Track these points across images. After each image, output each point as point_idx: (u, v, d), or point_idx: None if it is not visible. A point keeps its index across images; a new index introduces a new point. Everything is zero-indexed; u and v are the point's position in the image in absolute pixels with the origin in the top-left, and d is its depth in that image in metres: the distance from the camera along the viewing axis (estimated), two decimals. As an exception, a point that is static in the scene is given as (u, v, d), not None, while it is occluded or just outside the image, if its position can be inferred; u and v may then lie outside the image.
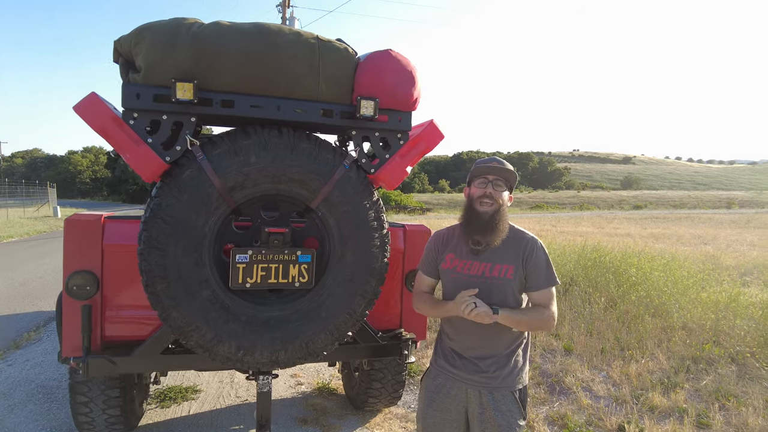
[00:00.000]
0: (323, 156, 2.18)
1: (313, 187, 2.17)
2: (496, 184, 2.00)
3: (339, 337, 2.32)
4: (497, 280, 1.99)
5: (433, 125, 2.34)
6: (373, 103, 2.15)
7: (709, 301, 5.76)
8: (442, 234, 2.23)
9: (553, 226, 21.40)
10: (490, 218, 1.95)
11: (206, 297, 2.12)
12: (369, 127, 2.27)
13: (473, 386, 2.03)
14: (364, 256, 2.26)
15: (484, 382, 2.01)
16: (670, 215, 33.64)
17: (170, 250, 2.04)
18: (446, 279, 2.14)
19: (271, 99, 2.15)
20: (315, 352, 2.30)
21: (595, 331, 5.61)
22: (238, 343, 2.17)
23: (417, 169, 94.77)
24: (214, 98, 2.08)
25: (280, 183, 2.15)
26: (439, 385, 2.13)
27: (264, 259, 2.19)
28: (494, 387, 2.00)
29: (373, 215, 2.26)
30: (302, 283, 2.24)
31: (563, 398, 4.13)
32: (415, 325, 2.94)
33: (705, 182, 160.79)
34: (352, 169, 2.22)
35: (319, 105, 2.20)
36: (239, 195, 2.13)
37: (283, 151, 2.12)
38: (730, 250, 12.43)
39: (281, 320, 2.23)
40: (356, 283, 2.27)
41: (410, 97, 2.22)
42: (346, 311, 2.28)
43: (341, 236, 2.25)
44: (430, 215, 35.11)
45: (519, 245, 2.02)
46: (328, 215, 2.23)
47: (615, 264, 7.27)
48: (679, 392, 4.10)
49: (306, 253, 2.22)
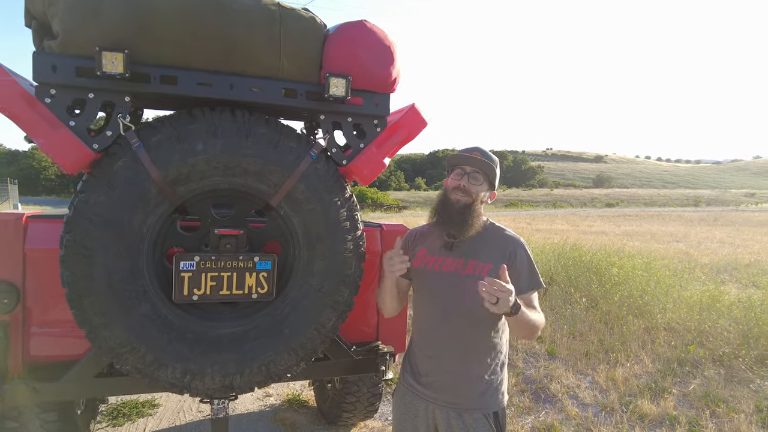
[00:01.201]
0: (285, 144, 1.85)
1: (273, 180, 1.84)
2: (474, 177, 1.79)
3: (306, 357, 1.99)
4: (471, 278, 1.75)
5: (414, 110, 2.01)
6: (345, 81, 1.82)
7: (691, 300, 5.65)
8: (417, 230, 1.99)
9: (528, 224, 21.51)
10: (460, 210, 1.75)
11: (144, 312, 1.78)
12: (340, 110, 1.94)
13: (441, 407, 1.81)
14: (335, 261, 1.94)
15: (454, 403, 1.79)
16: (641, 213, 34.29)
17: (98, 256, 1.69)
18: (417, 281, 1.91)
19: (223, 75, 1.80)
20: (277, 375, 1.97)
21: (578, 332, 5.47)
22: (184, 367, 1.83)
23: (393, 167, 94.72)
24: (152, 73, 1.72)
25: (233, 176, 1.81)
26: (407, 404, 1.91)
27: (214, 266, 1.84)
28: (464, 408, 1.78)
29: (345, 214, 1.94)
30: (261, 294, 1.91)
31: (549, 407, 3.94)
32: (393, 337, 2.64)
33: (673, 181, 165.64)
34: (320, 159, 1.90)
35: (281, 83, 1.86)
36: (184, 190, 1.79)
37: (237, 137, 1.79)
38: (702, 248, 12.58)
39: (236, 338, 1.89)
40: (326, 294, 1.95)
41: (388, 76, 1.89)
42: (313, 326, 1.95)
43: (307, 239, 1.92)
44: (406, 213, 35.03)
45: (500, 244, 1.82)
46: (291, 214, 1.90)
47: (595, 263, 7.13)
48: (667, 398, 3.95)
49: (265, 259, 1.89)
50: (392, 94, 1.98)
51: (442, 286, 1.82)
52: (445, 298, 1.82)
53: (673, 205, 56.58)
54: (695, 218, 27.41)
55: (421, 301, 1.92)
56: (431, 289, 1.86)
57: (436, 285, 1.83)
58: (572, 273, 7.12)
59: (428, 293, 1.88)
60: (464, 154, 1.81)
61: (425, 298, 1.90)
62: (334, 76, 1.82)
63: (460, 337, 1.80)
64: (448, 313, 1.82)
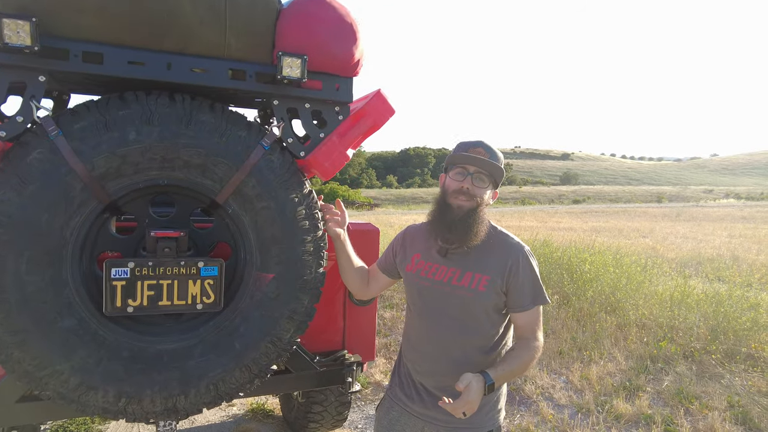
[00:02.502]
0: (233, 133, 1.62)
1: (219, 174, 1.61)
2: (478, 177, 1.59)
3: (260, 373, 1.77)
4: (465, 291, 1.59)
5: (380, 97, 1.80)
6: (300, 61, 1.60)
7: (663, 296, 5.67)
8: (413, 229, 1.81)
9: (498, 220, 21.50)
10: (463, 216, 1.55)
11: (69, 328, 1.53)
12: (297, 95, 1.72)
13: (431, 424, 1.66)
14: (293, 266, 1.72)
15: (445, 421, 1.63)
16: (608, 209, 35.05)
17: (9, 263, 1.43)
18: (410, 285, 1.74)
19: (158, 54, 1.56)
20: (228, 394, 1.75)
21: (551, 330, 5.41)
22: (118, 389, 1.58)
23: (365, 165, 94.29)
24: (71, 48, 1.47)
25: (173, 169, 1.58)
26: (392, 420, 1.75)
27: (152, 273, 1.60)
28: (458, 427, 1.63)
29: (303, 213, 1.73)
30: (207, 304, 1.68)
31: (524, 409, 3.83)
32: (361, 345, 2.44)
33: (637, 178, 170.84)
34: (273, 151, 1.68)
35: (227, 63, 1.63)
36: (115, 186, 1.54)
37: (176, 125, 1.55)
38: (668, 243, 12.83)
39: (180, 355, 1.66)
40: (282, 302, 1.73)
41: (349, 56, 1.68)
42: (268, 339, 1.73)
43: (261, 241, 1.70)
44: (378, 210, 34.90)
45: (502, 253, 1.61)
46: (241, 213, 1.68)
47: (566, 260, 7.11)
48: (642, 396, 3.90)
49: (211, 264, 1.66)
50: (356, 79, 1.77)
51: (433, 296, 1.64)
52: (435, 310, 1.65)
53: (637, 201, 58.24)
54: (659, 214, 28.14)
55: (412, 310, 1.76)
56: (422, 299, 1.69)
57: (427, 294, 1.66)
58: (543, 270, 7.08)
59: (418, 302, 1.71)
60: (468, 154, 1.59)
61: (415, 308, 1.73)
62: (288, 55, 1.59)
63: (452, 351, 1.63)
64: (438, 326, 1.65)
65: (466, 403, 1.41)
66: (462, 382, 1.43)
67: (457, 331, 1.63)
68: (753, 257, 9.88)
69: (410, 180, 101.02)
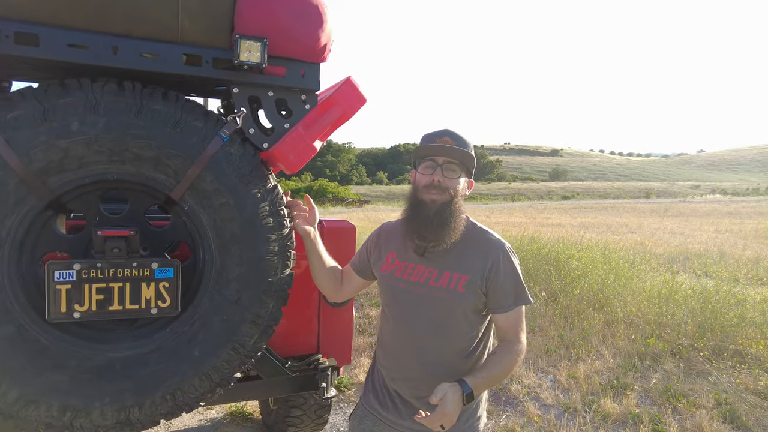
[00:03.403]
0: (188, 123, 1.49)
1: (173, 168, 1.49)
2: (448, 168, 1.49)
3: (222, 382, 1.65)
4: (443, 292, 1.49)
5: (351, 84, 1.68)
6: (260, 45, 1.47)
7: (651, 293, 5.62)
8: (389, 227, 1.70)
9: (487, 217, 21.67)
10: (438, 211, 1.46)
11: (5, 335, 1.40)
12: (258, 83, 1.59)
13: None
14: (256, 267, 1.60)
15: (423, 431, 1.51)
16: (596, 205, 35.23)
17: None
18: (384, 287, 1.63)
19: (103, 36, 1.42)
20: (187, 404, 1.63)
21: (538, 328, 5.36)
22: (62, 402, 1.45)
23: (355, 161, 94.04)
24: (1, 28, 1.33)
25: (122, 163, 1.45)
26: (365, 430, 1.66)
27: (101, 275, 1.47)
28: None
29: (267, 209, 1.60)
30: (162, 308, 1.55)
31: (510, 409, 3.75)
32: (336, 348, 2.33)
33: (626, 174, 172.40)
34: (233, 142, 1.55)
35: (181, 48, 1.49)
36: (57, 181, 1.41)
37: (125, 115, 1.42)
38: (656, 238, 12.85)
39: (133, 363, 1.53)
40: (244, 307, 1.60)
41: (315, 40, 1.56)
42: (230, 346, 1.61)
43: (220, 240, 1.57)
44: (367, 207, 34.79)
45: (482, 251, 1.52)
46: (199, 210, 1.55)
47: (554, 256, 7.05)
48: (629, 395, 3.84)
49: (166, 265, 1.53)
50: (323, 65, 1.65)
51: (409, 297, 1.54)
52: (411, 312, 1.55)
53: (626, 197, 58.71)
54: (647, 209, 28.32)
55: (386, 312, 1.65)
56: (396, 301, 1.58)
57: (402, 296, 1.56)
58: (531, 266, 7.01)
59: (393, 305, 1.60)
60: (433, 145, 1.50)
61: (390, 310, 1.63)
62: (246, 38, 1.46)
63: (429, 356, 1.54)
64: (415, 330, 1.55)
65: (443, 416, 1.32)
66: (436, 395, 1.34)
67: (435, 335, 1.54)
68: (739, 252, 9.91)
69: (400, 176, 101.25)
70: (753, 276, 7.13)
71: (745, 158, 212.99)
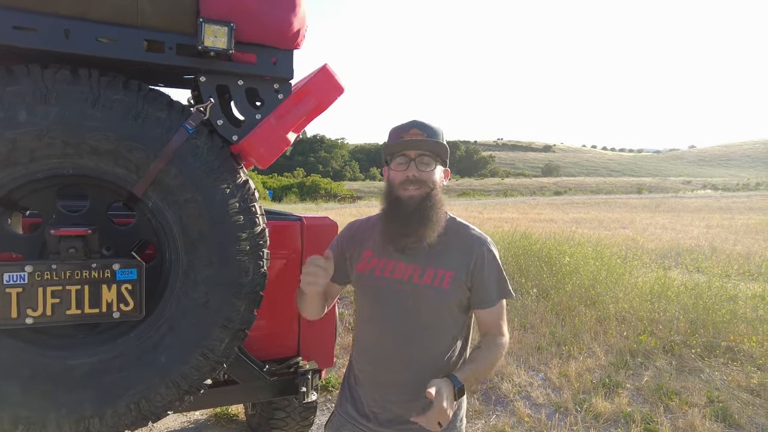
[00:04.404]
0: (150, 114, 1.39)
1: (135, 162, 1.38)
2: (421, 161, 1.42)
3: (191, 389, 1.55)
4: (428, 289, 1.43)
5: (327, 72, 1.57)
6: (226, 29, 1.37)
7: (643, 289, 5.57)
8: (358, 224, 1.60)
9: (480, 212, 21.66)
10: (417, 207, 1.39)
11: None
12: (227, 70, 1.49)
13: None
14: (226, 267, 1.50)
15: None
16: (588, 200, 35.33)
17: None
18: (362, 287, 1.54)
19: (53, 18, 1.32)
20: (154, 413, 1.53)
21: (529, 325, 5.29)
22: (13, 414, 1.35)
23: (348, 157, 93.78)
24: None
25: (78, 156, 1.35)
26: None
27: (56, 278, 1.37)
28: None
29: (237, 206, 1.50)
30: (125, 312, 1.45)
31: (500, 409, 3.68)
32: (318, 351, 2.23)
33: (618, 169, 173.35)
34: (200, 135, 1.45)
35: (141, 33, 1.39)
36: (5, 176, 1.31)
37: (80, 104, 1.32)
38: (647, 234, 12.86)
39: (94, 371, 1.43)
40: (214, 309, 1.51)
41: (287, 25, 1.46)
42: (198, 352, 1.51)
43: (187, 239, 1.47)
44: (360, 203, 34.69)
45: (464, 246, 1.46)
46: (164, 207, 1.45)
47: (546, 252, 6.99)
48: (621, 393, 3.78)
49: (128, 266, 1.43)
50: (297, 52, 1.54)
51: (391, 297, 1.46)
52: (395, 312, 1.46)
53: (618, 193, 59.01)
54: (639, 205, 28.42)
55: (365, 314, 1.55)
56: (377, 301, 1.49)
57: (384, 295, 1.47)
58: (522, 262, 6.96)
59: (373, 305, 1.51)
60: (402, 140, 1.42)
61: (369, 311, 1.53)
62: (211, 22, 1.36)
63: (410, 359, 1.46)
64: (397, 331, 1.47)
65: (440, 411, 1.25)
66: (432, 388, 1.26)
67: (419, 335, 1.46)
68: (730, 247, 9.92)
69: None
70: (745, 271, 7.11)
71: (736, 154, 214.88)
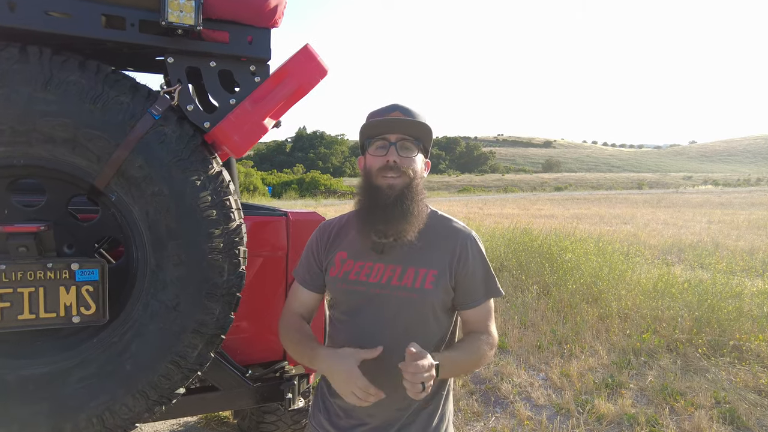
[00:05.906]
0: (111, 98, 1.26)
1: (95, 152, 1.25)
2: (403, 146, 1.28)
3: (162, 399, 1.42)
4: (409, 291, 1.30)
5: (308, 52, 1.43)
6: (193, 3, 1.23)
7: (647, 286, 5.44)
8: (331, 224, 1.45)
9: (480, 208, 21.54)
10: (397, 198, 1.25)
11: None
12: (198, 51, 1.36)
13: None
14: (197, 267, 1.37)
15: None
16: (589, 196, 35.17)
17: None
18: (337, 293, 1.40)
19: None
20: (120, 426, 1.40)
21: (530, 322, 5.17)
22: None
23: (348, 153, 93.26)
24: None
25: (29, 145, 1.22)
26: None
27: (5, 279, 1.24)
28: None
29: (210, 199, 1.37)
30: (86, 316, 1.32)
31: (500, 410, 3.56)
32: (305, 353, 2.11)
33: (618, 165, 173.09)
34: (168, 121, 1.32)
35: (99, 7, 1.26)
36: None
37: (29, 87, 1.19)
38: (649, 229, 12.74)
39: (51, 381, 1.31)
40: (185, 313, 1.38)
41: (262, 1, 1.32)
42: (168, 359, 1.38)
43: (154, 235, 1.34)
44: (360, 200, 34.53)
45: (447, 241, 1.33)
46: (129, 200, 1.32)
47: (546, 248, 6.86)
48: (625, 394, 3.66)
49: (89, 266, 1.30)
50: (275, 31, 1.41)
51: (368, 301, 1.33)
52: (374, 320, 1.33)
53: (618, 188, 58.85)
54: (640, 200, 28.26)
55: (340, 320, 1.42)
56: (354, 306, 1.36)
57: (361, 300, 1.34)
58: (523, 259, 6.84)
59: (349, 311, 1.38)
60: (383, 120, 1.29)
61: (345, 317, 1.40)
62: None
63: (391, 369, 1.31)
64: (376, 338, 1.33)
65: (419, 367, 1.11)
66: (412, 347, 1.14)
67: (401, 341, 1.31)
68: (733, 243, 9.80)
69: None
70: (749, 267, 6.98)
71: (737, 149, 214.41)
